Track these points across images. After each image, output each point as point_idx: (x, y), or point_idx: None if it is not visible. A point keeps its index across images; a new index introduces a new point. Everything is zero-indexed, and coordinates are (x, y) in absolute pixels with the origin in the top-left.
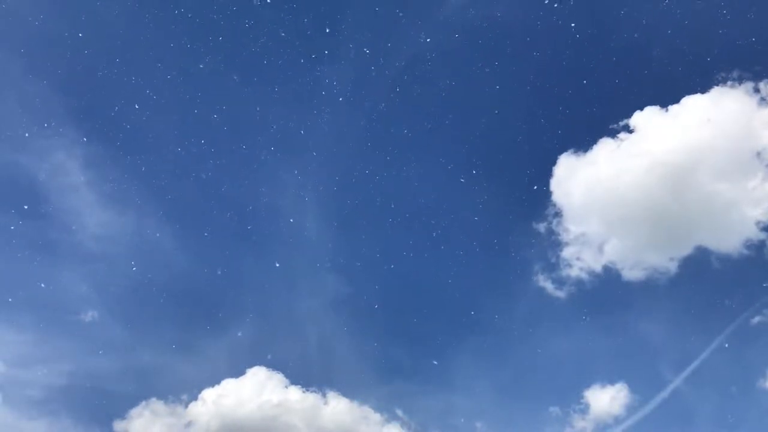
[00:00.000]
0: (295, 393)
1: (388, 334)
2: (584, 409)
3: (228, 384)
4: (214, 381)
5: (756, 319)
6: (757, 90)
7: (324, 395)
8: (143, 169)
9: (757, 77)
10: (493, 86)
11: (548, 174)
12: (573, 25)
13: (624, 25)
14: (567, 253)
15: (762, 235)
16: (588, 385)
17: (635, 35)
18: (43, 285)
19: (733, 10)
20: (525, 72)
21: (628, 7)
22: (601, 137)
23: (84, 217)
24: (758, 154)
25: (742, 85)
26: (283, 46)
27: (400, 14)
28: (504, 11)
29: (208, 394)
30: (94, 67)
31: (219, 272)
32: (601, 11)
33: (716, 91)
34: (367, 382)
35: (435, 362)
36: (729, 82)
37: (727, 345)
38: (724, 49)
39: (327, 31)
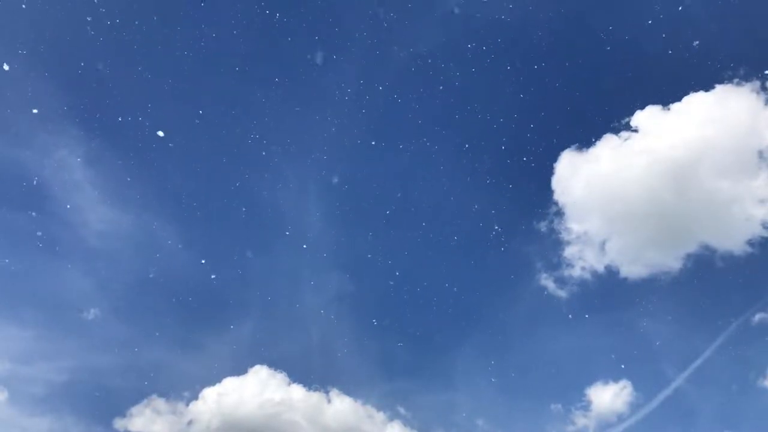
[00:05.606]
0: (297, 391)
1: (390, 332)
2: (586, 407)
3: (229, 382)
4: (215, 379)
5: (758, 318)
6: (764, 88)
7: (327, 393)
8: (146, 166)
9: (763, 76)
10: (495, 84)
11: (550, 172)
12: (576, 20)
13: (628, 21)
14: (569, 252)
15: (765, 233)
16: (590, 383)
17: (639, 32)
18: (45, 282)
19: (740, 7)
20: (526, 69)
21: (632, 4)
22: (603, 134)
23: (86, 214)
24: (760, 152)
25: (749, 83)
26: (286, 45)
27: (403, 13)
28: (505, 9)
29: (210, 393)
30: (97, 64)
31: (219, 271)
32: (604, 8)
33: (721, 89)
34: (369, 380)
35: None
36: (735, 80)
37: (729, 344)
38: (731, 47)
39: (330, 29)
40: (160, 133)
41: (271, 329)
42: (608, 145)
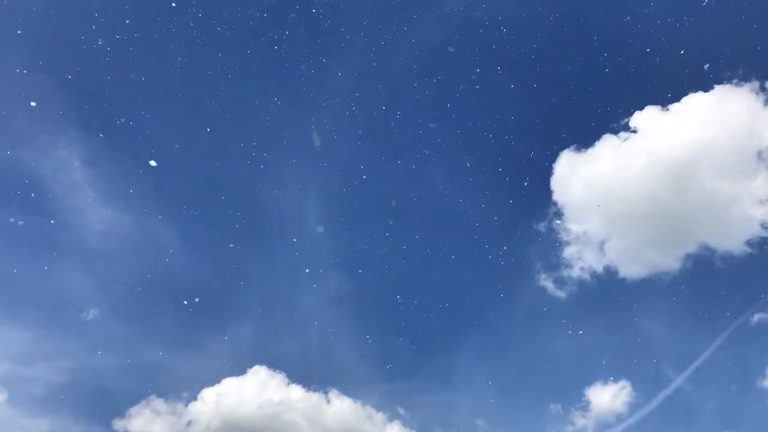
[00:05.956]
0: (296, 392)
1: (389, 333)
2: (585, 407)
3: (229, 383)
4: (214, 380)
5: (757, 318)
6: (763, 89)
7: (326, 394)
8: (145, 167)
9: (763, 76)
10: (494, 84)
11: (549, 172)
12: (575, 21)
13: (627, 22)
14: (568, 252)
15: (764, 234)
16: (590, 383)
17: (638, 32)
18: (44, 282)
19: (739, 8)
20: (526, 69)
21: (631, 5)
22: (602, 135)
23: (86, 214)
24: (759, 153)
25: (748, 84)
26: (286, 45)
27: (404, 10)
28: (505, 9)
29: (209, 393)
30: (97, 65)
31: (218, 272)
32: (603, 8)
33: (720, 90)
34: (369, 380)
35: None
36: (734, 81)
37: (728, 344)
38: (730, 48)
39: (330, 30)
40: (153, 163)
41: (270, 330)
42: (607, 145)
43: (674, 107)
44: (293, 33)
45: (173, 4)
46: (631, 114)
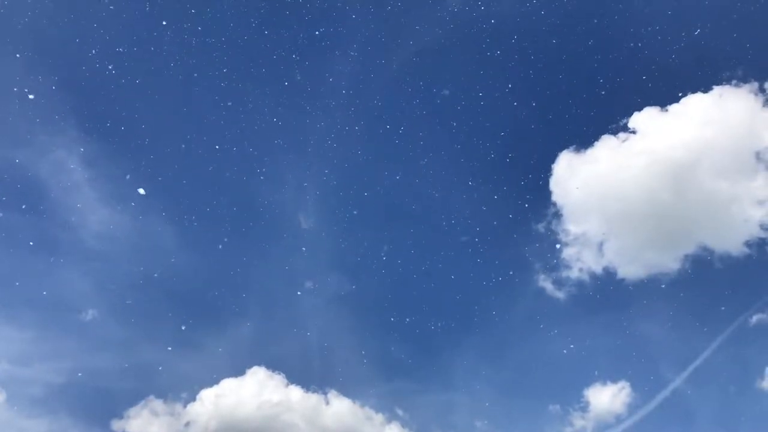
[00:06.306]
0: (295, 393)
1: (388, 333)
2: (585, 408)
3: (227, 384)
4: (213, 381)
5: (755, 319)
6: (762, 90)
7: (325, 395)
8: (144, 167)
9: (762, 77)
10: (493, 85)
11: (548, 173)
12: (574, 22)
13: (626, 23)
14: (567, 253)
15: (763, 234)
16: (589, 384)
17: (637, 33)
18: (43, 283)
19: (738, 9)
20: (525, 70)
21: (630, 6)
22: (601, 135)
23: (85, 215)
24: (758, 153)
25: (747, 85)
26: (285, 44)
27: (402, 12)
28: (505, 9)
29: (208, 394)
30: (96, 65)
31: (217, 272)
32: (602, 9)
33: (719, 90)
34: (368, 381)
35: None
36: (733, 81)
37: (727, 345)
38: (729, 48)
39: (329, 28)
40: (141, 191)
41: (269, 330)
42: (606, 146)
43: (673, 108)
44: (292, 38)
45: (173, 5)
46: (630, 115)
